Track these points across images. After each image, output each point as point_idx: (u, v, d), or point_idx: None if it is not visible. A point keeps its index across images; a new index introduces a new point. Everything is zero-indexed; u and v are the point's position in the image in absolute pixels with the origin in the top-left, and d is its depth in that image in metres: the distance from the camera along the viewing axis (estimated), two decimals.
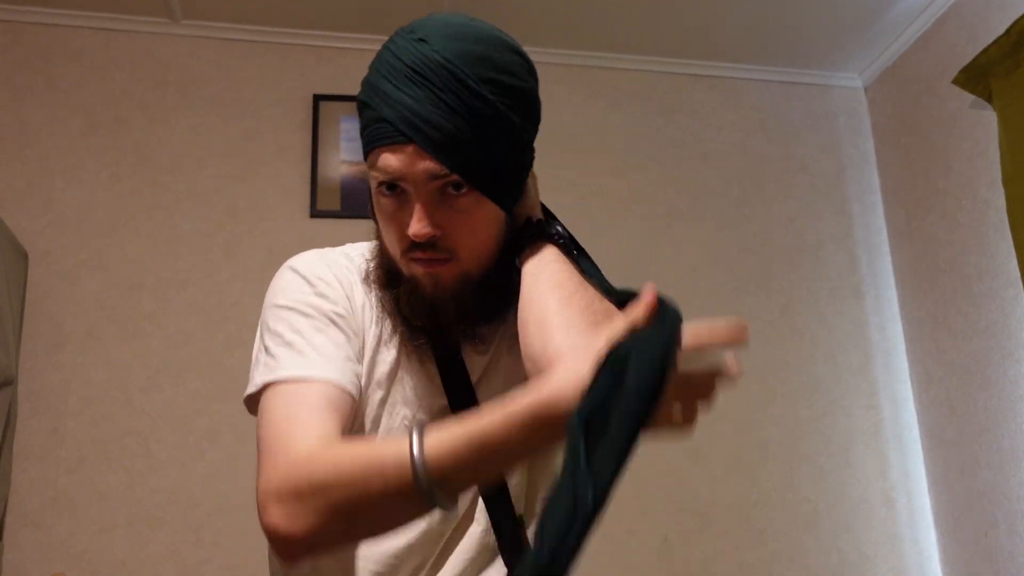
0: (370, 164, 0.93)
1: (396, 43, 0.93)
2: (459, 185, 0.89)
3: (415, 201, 0.89)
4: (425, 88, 0.88)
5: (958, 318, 2.36)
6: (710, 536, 2.37)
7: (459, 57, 0.88)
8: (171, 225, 2.35)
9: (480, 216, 0.92)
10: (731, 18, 2.57)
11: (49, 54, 2.42)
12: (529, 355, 0.87)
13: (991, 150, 2.22)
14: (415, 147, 0.87)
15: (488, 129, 0.89)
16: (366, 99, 0.94)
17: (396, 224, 0.93)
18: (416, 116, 0.87)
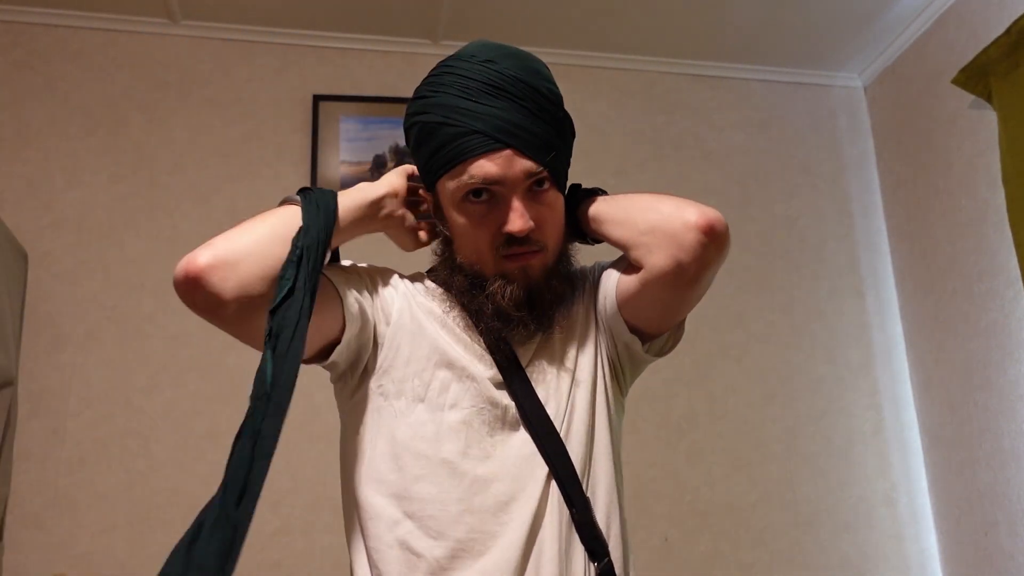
0: (457, 175, 1.01)
1: (459, 67, 1.03)
2: (541, 182, 1.02)
3: (511, 200, 1.00)
4: (507, 100, 1.01)
5: (958, 318, 2.36)
6: (710, 536, 2.37)
7: (526, 72, 1.04)
8: (171, 225, 2.35)
9: (559, 208, 1.06)
10: (731, 18, 2.57)
11: (49, 55, 2.42)
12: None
13: (991, 150, 2.22)
14: (512, 151, 0.99)
15: (560, 129, 1.05)
16: (443, 120, 1.01)
17: (488, 226, 1.02)
18: (508, 123, 1.00)
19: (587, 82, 2.71)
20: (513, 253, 1.03)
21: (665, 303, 1.05)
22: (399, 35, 2.58)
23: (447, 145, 1.01)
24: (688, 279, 0.99)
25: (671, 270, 0.98)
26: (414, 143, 1.07)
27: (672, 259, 0.98)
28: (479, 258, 1.05)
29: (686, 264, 0.98)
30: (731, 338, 2.56)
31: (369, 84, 2.56)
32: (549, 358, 1.08)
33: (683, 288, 1.01)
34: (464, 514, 0.98)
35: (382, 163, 2.49)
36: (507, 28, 2.57)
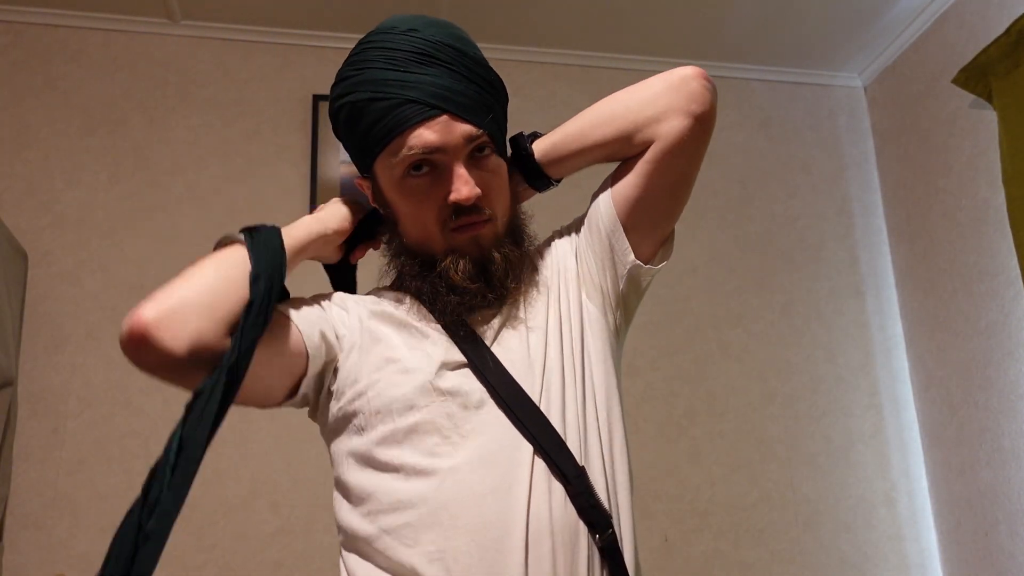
0: (395, 150, 0.96)
1: (380, 40, 1.01)
2: (482, 147, 0.98)
3: (453, 168, 0.95)
4: (437, 66, 0.97)
5: (958, 318, 2.36)
6: (710, 536, 2.37)
7: (451, 37, 1.00)
8: (171, 225, 2.35)
9: (503, 174, 1.03)
10: (731, 18, 2.57)
11: (49, 55, 2.42)
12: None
13: (991, 150, 2.22)
14: (448, 116, 0.95)
15: (492, 92, 1.02)
16: (371, 96, 0.97)
17: (432, 200, 0.97)
18: (442, 88, 0.95)
19: (587, 82, 2.71)
20: (462, 224, 0.98)
21: (675, 181, 1.08)
22: None
23: (381, 120, 0.96)
24: (707, 131, 1.05)
25: (691, 125, 1.03)
26: (344, 126, 1.02)
27: (689, 115, 1.02)
28: (427, 236, 1.00)
29: (704, 114, 1.03)
30: (731, 338, 2.56)
31: None
32: (514, 326, 1.01)
33: (701, 145, 1.06)
34: (440, 516, 0.89)
35: None
36: (507, 28, 2.57)
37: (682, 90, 1.02)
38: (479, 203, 0.97)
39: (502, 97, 1.06)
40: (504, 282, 1.00)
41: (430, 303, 1.01)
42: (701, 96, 1.00)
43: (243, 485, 2.18)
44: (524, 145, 1.07)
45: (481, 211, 0.98)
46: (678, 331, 2.52)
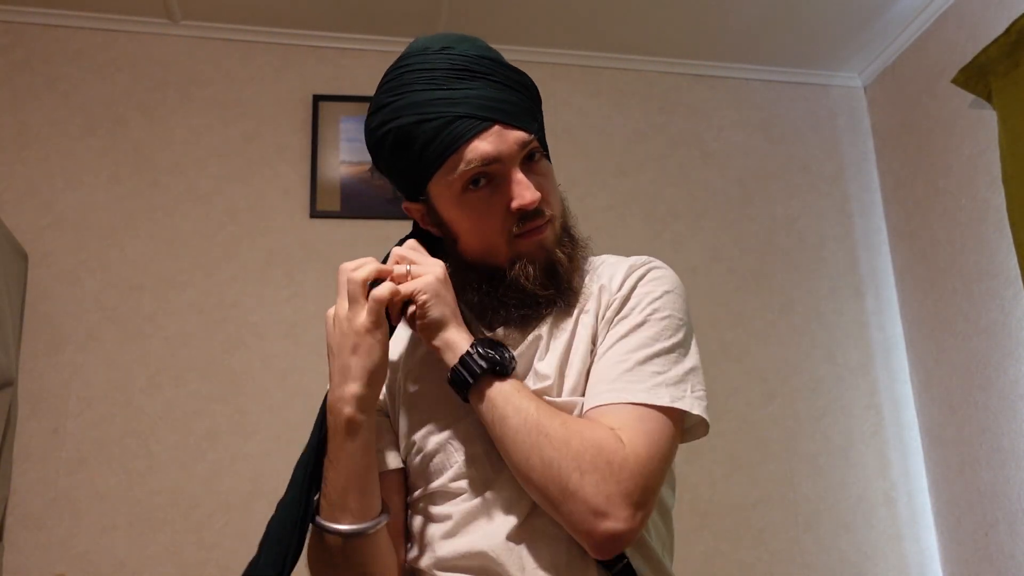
0: (451, 168, 0.97)
1: (417, 62, 0.99)
2: (533, 153, 1.00)
3: (511, 176, 0.97)
4: (478, 79, 0.97)
5: (958, 318, 2.36)
6: (710, 536, 2.37)
7: (483, 50, 1.01)
8: (171, 226, 2.35)
9: (552, 175, 1.05)
10: (731, 18, 2.57)
11: (49, 55, 2.42)
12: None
13: (991, 150, 2.22)
14: (499, 125, 0.96)
15: (532, 97, 1.03)
16: (419, 118, 0.97)
17: (495, 211, 0.98)
18: (488, 99, 0.96)
19: (587, 82, 2.71)
20: (528, 229, 0.99)
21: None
22: (399, 35, 2.58)
23: (433, 140, 0.96)
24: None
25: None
26: (391, 153, 1.01)
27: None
28: (491, 246, 1.00)
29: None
30: (731, 338, 2.56)
31: (369, 84, 2.54)
32: (559, 331, 1.03)
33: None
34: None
35: None
36: (507, 28, 2.57)
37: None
38: (540, 207, 0.99)
39: (540, 100, 1.06)
40: (571, 283, 1.03)
41: (491, 317, 1.04)
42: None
43: (243, 485, 2.18)
44: (476, 367, 0.95)
45: (543, 214, 1.00)
46: None
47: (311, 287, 2.35)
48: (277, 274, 2.36)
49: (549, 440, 0.88)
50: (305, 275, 2.36)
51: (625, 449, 0.89)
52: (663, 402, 0.94)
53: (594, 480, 0.86)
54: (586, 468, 0.87)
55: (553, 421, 0.90)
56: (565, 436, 0.88)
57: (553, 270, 1.00)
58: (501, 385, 0.93)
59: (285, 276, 2.36)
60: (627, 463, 0.88)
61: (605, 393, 0.95)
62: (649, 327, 0.99)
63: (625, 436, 0.90)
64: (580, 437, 0.88)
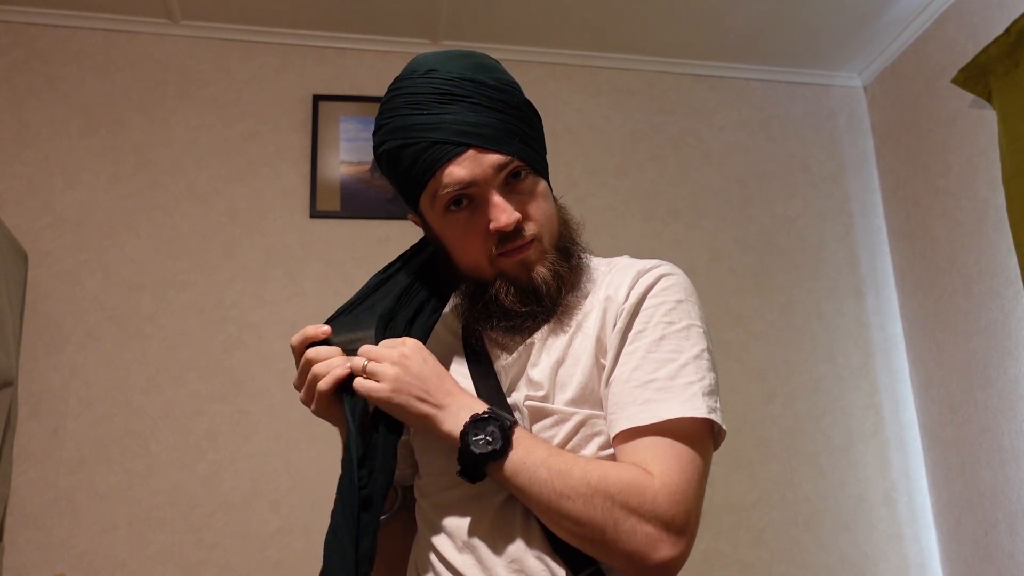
0: (432, 190, 1.00)
1: (405, 86, 1.02)
2: (517, 172, 1.00)
3: (489, 198, 0.99)
4: (457, 103, 0.99)
5: (958, 318, 2.36)
6: (710, 536, 2.37)
7: (469, 70, 1.01)
8: (171, 225, 2.35)
9: (541, 193, 1.04)
10: (732, 18, 2.57)
11: (49, 55, 2.42)
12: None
13: (991, 149, 2.22)
14: (474, 150, 0.98)
15: (519, 116, 1.03)
16: (402, 142, 1.00)
17: (475, 231, 1.01)
18: (464, 124, 0.98)
19: (587, 82, 2.71)
20: (507, 250, 1.00)
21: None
22: (398, 35, 2.58)
23: (414, 164, 1.00)
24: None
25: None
26: (387, 172, 1.06)
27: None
28: (476, 264, 1.03)
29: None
30: (731, 338, 2.56)
31: (369, 84, 2.56)
32: (556, 339, 1.03)
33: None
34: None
35: None
36: (506, 28, 2.57)
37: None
38: (520, 226, 1.00)
39: (529, 117, 1.05)
40: (556, 298, 1.03)
41: (481, 328, 1.07)
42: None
43: (243, 485, 2.18)
44: (477, 453, 0.93)
45: (523, 234, 1.01)
46: None
47: (311, 287, 2.35)
48: (277, 274, 2.36)
49: (573, 503, 0.89)
50: (305, 275, 2.36)
51: (655, 482, 0.90)
52: (700, 413, 0.93)
53: (629, 526, 0.88)
54: (619, 517, 0.88)
55: (570, 481, 0.90)
56: (588, 494, 0.89)
57: (534, 288, 1.01)
58: (509, 464, 0.92)
59: (285, 276, 2.36)
60: (659, 496, 0.89)
61: (638, 415, 0.94)
62: (670, 340, 0.99)
63: (655, 468, 0.91)
64: (605, 493, 0.89)
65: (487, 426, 0.92)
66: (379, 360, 0.96)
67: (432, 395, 0.95)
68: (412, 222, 1.12)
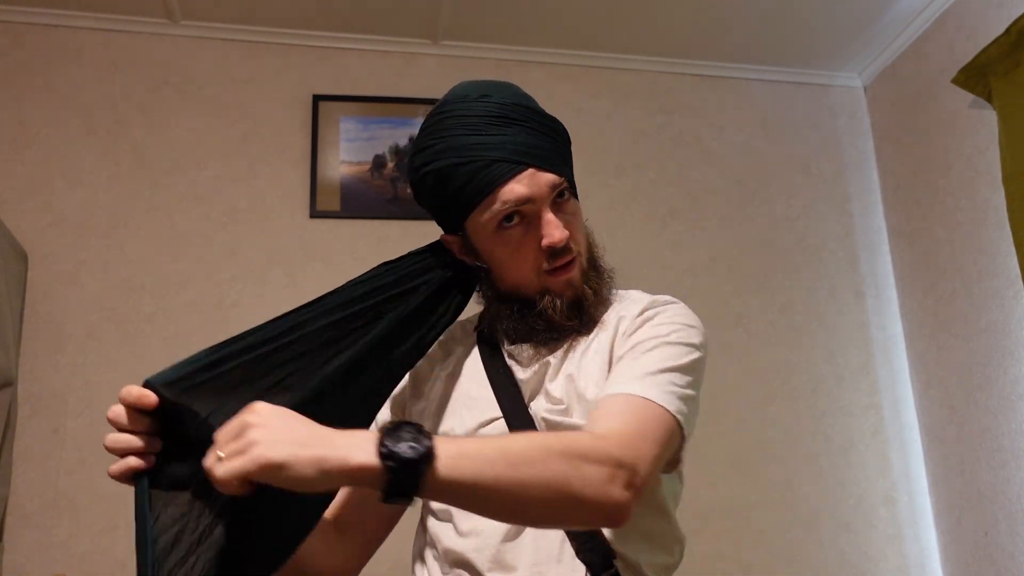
0: (487, 206, 1.04)
1: (456, 109, 1.07)
2: (563, 193, 1.07)
3: (542, 215, 1.05)
4: (513, 125, 1.06)
5: (958, 318, 2.36)
6: (710, 536, 2.36)
7: (519, 97, 1.10)
8: (171, 226, 2.35)
9: (580, 214, 1.12)
10: (732, 18, 2.57)
11: (49, 55, 2.42)
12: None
13: (991, 150, 2.22)
14: (532, 169, 1.04)
15: (562, 141, 1.12)
16: (457, 161, 1.04)
17: (527, 246, 1.06)
18: (522, 145, 1.05)
19: (587, 82, 2.71)
20: (557, 266, 1.07)
21: None
22: (399, 35, 2.58)
23: (470, 181, 1.04)
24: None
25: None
26: (430, 192, 1.09)
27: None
28: (523, 279, 1.08)
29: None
30: (731, 338, 2.56)
31: (369, 84, 2.56)
32: (571, 356, 1.10)
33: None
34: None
35: (382, 163, 2.49)
36: (507, 28, 2.57)
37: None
38: (569, 244, 1.07)
39: (569, 143, 1.14)
40: (594, 315, 1.11)
41: (514, 338, 1.12)
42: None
43: None
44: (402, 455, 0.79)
45: (571, 250, 1.07)
46: None
47: (311, 287, 2.33)
48: (277, 274, 2.36)
49: (532, 468, 0.83)
50: (305, 275, 2.36)
51: (608, 435, 0.91)
52: (671, 408, 0.98)
53: (590, 471, 0.85)
54: (579, 465, 0.85)
55: (521, 450, 0.85)
56: (543, 456, 0.85)
57: (579, 304, 1.09)
58: (445, 461, 0.79)
59: (285, 276, 2.36)
60: (609, 441, 0.89)
61: (622, 387, 0.99)
62: (668, 348, 1.06)
63: (616, 422, 0.93)
64: (558, 448, 0.86)
65: (400, 432, 0.79)
66: (229, 439, 0.79)
67: (313, 437, 0.78)
68: (445, 243, 1.14)
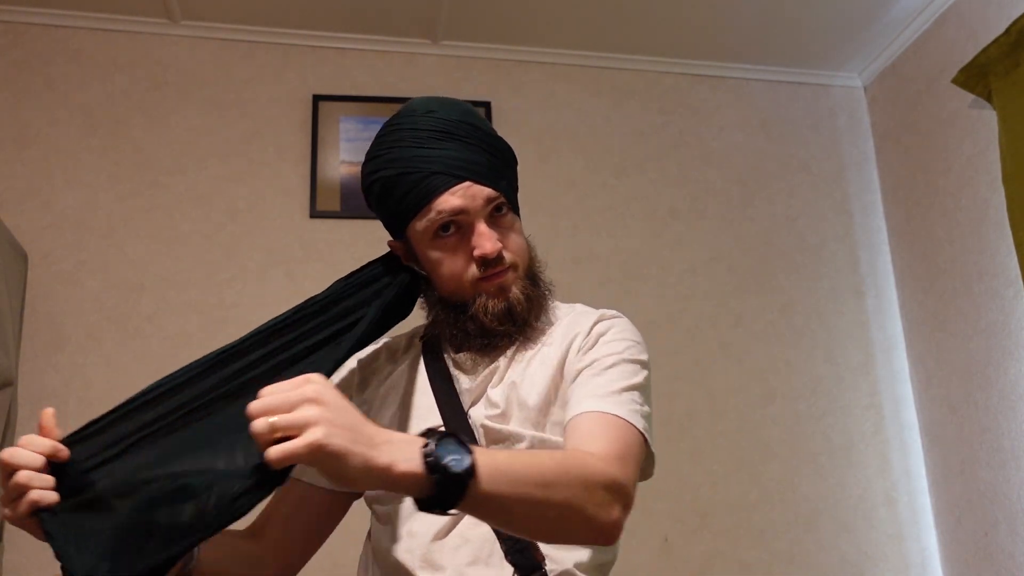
0: (425, 215, 1.10)
1: (405, 122, 1.13)
2: (500, 207, 1.13)
3: (476, 227, 1.10)
4: (455, 140, 1.11)
5: (958, 318, 2.36)
6: (710, 536, 2.37)
7: (465, 114, 1.14)
8: (171, 226, 2.35)
9: (518, 229, 1.17)
10: (731, 18, 2.57)
11: (48, 55, 2.42)
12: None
13: (991, 149, 2.22)
14: (469, 182, 1.09)
15: (503, 159, 1.16)
16: (401, 171, 1.11)
17: (460, 255, 1.11)
18: (461, 159, 1.10)
19: (587, 82, 2.71)
20: (487, 276, 1.11)
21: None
22: (399, 35, 2.58)
23: (411, 191, 1.10)
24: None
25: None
26: (377, 198, 1.16)
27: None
28: (458, 286, 1.13)
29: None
30: (731, 338, 2.56)
31: (369, 84, 2.56)
32: (519, 364, 1.14)
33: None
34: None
35: None
36: (507, 28, 2.57)
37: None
38: (501, 255, 1.11)
39: (512, 162, 1.19)
40: (527, 319, 1.14)
41: (456, 345, 1.16)
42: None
43: None
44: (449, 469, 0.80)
45: (503, 261, 1.11)
46: (678, 331, 2.52)
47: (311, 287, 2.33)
48: (277, 274, 2.36)
49: (555, 491, 0.87)
50: (305, 275, 2.36)
51: (597, 454, 0.96)
52: (639, 426, 1.05)
53: (599, 496, 0.91)
54: (591, 489, 0.91)
55: (544, 469, 0.88)
56: (565, 478, 0.89)
57: (510, 309, 1.12)
58: (485, 473, 0.81)
59: (285, 276, 2.36)
60: (605, 463, 0.95)
61: (593, 406, 1.04)
62: (626, 365, 1.10)
63: (598, 443, 0.98)
64: (575, 471, 0.91)
65: (447, 443, 0.80)
66: (286, 408, 0.75)
67: (362, 432, 0.77)
68: (391, 247, 1.21)
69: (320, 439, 0.73)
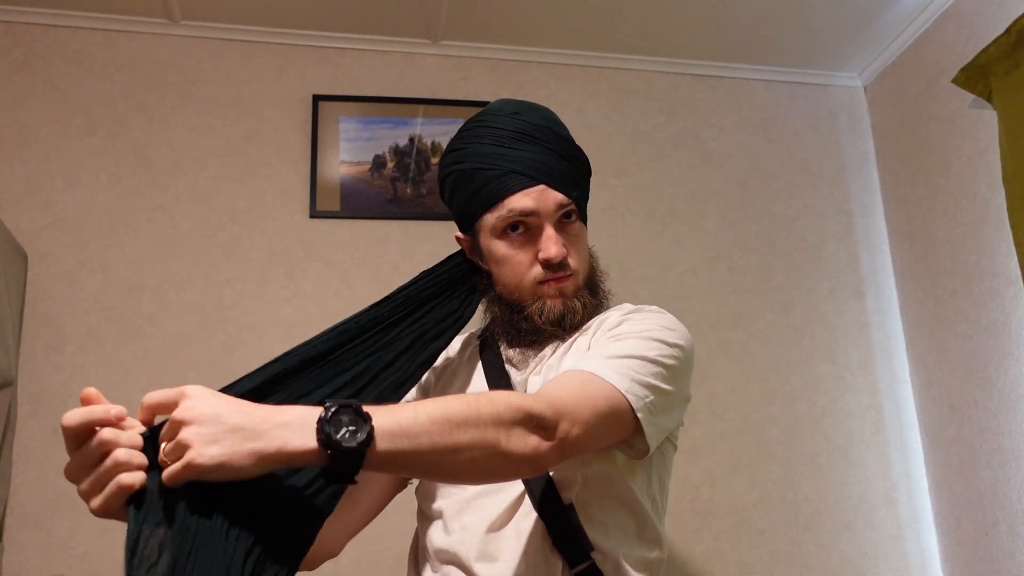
0: (496, 210, 1.14)
1: (489, 120, 1.17)
2: (569, 215, 1.16)
3: (544, 230, 1.13)
4: (536, 144, 1.15)
5: (958, 318, 2.36)
6: (710, 536, 2.37)
7: (549, 121, 1.19)
8: (171, 226, 2.35)
9: (584, 239, 1.21)
10: (731, 18, 2.57)
11: (48, 55, 2.42)
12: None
13: (991, 150, 2.22)
14: (544, 186, 1.13)
15: (580, 169, 1.20)
16: (479, 166, 1.15)
17: (526, 255, 1.15)
18: (540, 163, 1.14)
19: (587, 82, 2.71)
20: (548, 279, 1.15)
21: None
22: (399, 35, 2.58)
23: (486, 186, 1.14)
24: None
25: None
26: (451, 189, 1.20)
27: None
28: (518, 285, 1.16)
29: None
30: (731, 338, 2.55)
31: (369, 84, 2.56)
32: (556, 354, 1.17)
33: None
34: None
35: (382, 163, 2.49)
36: (507, 28, 2.57)
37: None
38: (565, 261, 1.15)
39: (588, 172, 1.23)
40: (577, 327, 1.17)
41: (509, 341, 1.20)
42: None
43: None
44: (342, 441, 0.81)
45: (566, 267, 1.15)
46: None
47: (311, 287, 2.35)
48: (277, 274, 2.36)
49: (465, 431, 0.87)
50: (305, 275, 2.36)
51: (524, 394, 0.97)
52: (621, 387, 0.99)
53: (516, 431, 0.90)
54: (507, 421, 0.89)
55: (454, 412, 0.88)
56: (475, 417, 0.88)
57: (564, 315, 1.16)
58: (384, 436, 0.82)
59: (285, 276, 2.36)
60: (539, 400, 0.93)
61: (577, 365, 1.03)
62: (638, 340, 1.07)
63: (545, 390, 0.98)
64: (488, 409, 0.89)
65: (340, 416, 0.81)
66: (169, 435, 0.82)
67: (247, 425, 0.80)
68: (458, 240, 1.25)
69: (193, 459, 0.79)
